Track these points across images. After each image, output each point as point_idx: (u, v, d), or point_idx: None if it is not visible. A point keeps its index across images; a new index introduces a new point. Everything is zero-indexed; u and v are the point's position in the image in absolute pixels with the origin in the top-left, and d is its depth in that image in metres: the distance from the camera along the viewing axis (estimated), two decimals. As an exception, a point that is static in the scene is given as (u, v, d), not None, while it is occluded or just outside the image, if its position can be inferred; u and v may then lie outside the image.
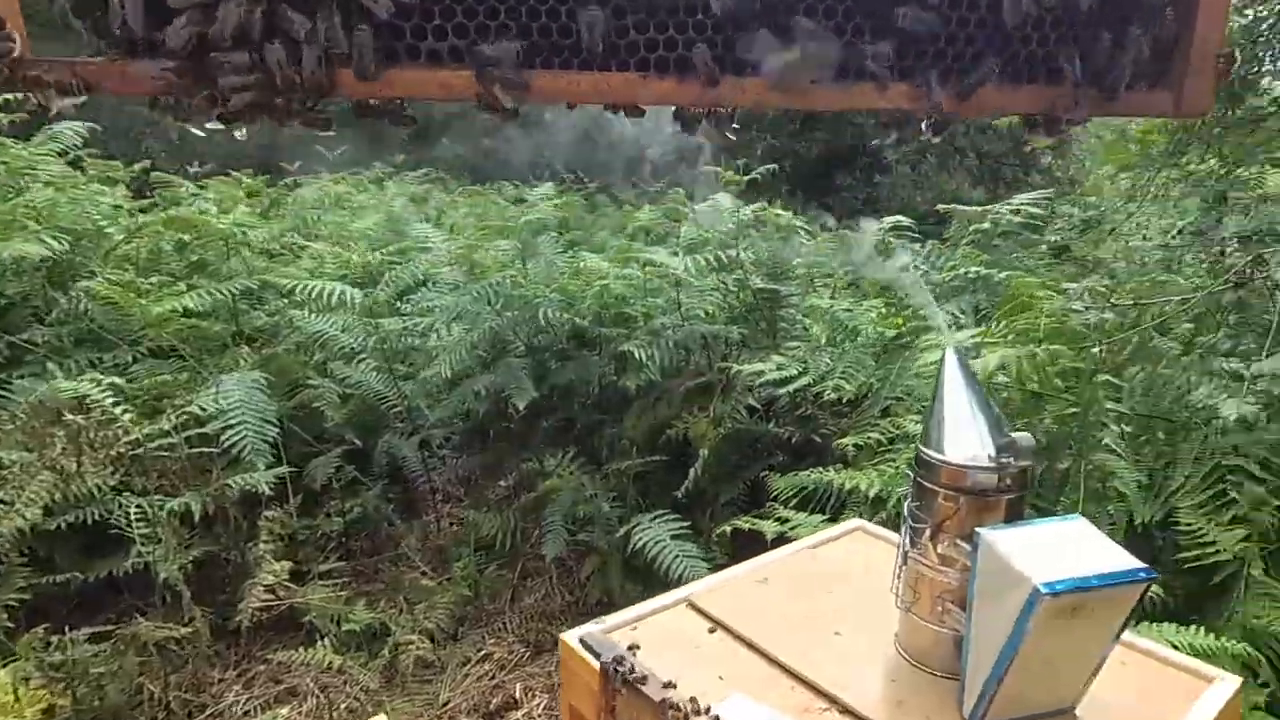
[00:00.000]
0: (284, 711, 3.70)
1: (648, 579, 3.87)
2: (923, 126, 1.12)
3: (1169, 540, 2.94)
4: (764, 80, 1.00)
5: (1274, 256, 3.65)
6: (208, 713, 3.71)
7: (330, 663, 3.78)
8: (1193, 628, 2.51)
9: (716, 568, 2.66)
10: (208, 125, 1.11)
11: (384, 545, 4.92)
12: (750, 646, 1.71)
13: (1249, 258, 3.75)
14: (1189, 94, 1.05)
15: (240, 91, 0.94)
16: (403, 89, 0.99)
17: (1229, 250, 4.07)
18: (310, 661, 3.76)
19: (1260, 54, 4.80)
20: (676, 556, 3.81)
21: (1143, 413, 3.28)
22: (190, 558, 3.83)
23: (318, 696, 3.80)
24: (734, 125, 1.08)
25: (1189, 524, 2.80)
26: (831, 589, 1.92)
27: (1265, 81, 5.04)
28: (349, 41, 0.95)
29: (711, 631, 1.77)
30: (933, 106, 1.03)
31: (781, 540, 2.83)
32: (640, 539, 3.96)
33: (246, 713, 3.73)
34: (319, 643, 3.87)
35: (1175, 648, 1.99)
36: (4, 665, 3.16)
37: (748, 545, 3.28)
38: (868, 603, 1.83)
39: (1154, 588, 2.65)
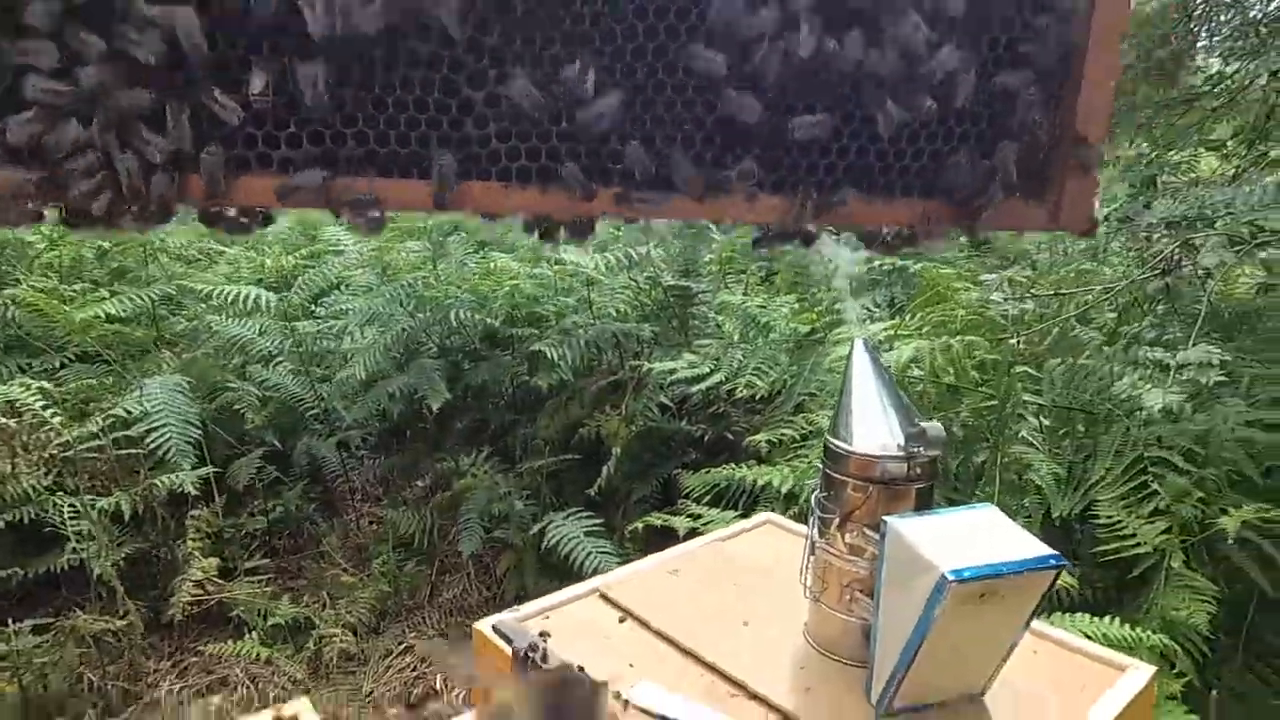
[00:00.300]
0: (216, 700, 3.81)
1: (562, 575, 3.86)
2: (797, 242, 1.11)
3: (1087, 533, 2.93)
4: (631, 190, 0.97)
5: (1205, 242, 3.55)
6: (144, 701, 3.82)
7: (258, 654, 3.92)
8: (1108, 618, 2.49)
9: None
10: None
11: (306, 543, 5.01)
12: (660, 636, 1.70)
13: (1177, 243, 3.66)
14: (1067, 207, 1.02)
15: (94, 196, 0.87)
16: (254, 198, 0.92)
17: (1156, 236, 3.88)
18: (239, 653, 3.91)
19: (1195, 29, 4.61)
20: (590, 553, 3.93)
21: (1062, 405, 3.26)
22: (123, 555, 3.95)
23: (247, 686, 3.91)
24: (594, 234, 1.04)
25: (1109, 517, 2.76)
26: (741, 580, 1.91)
27: (1199, 59, 4.84)
28: (198, 159, 0.89)
29: (622, 621, 1.77)
30: (799, 221, 1.02)
31: (694, 536, 2.79)
32: (554, 536, 4.07)
33: (181, 701, 3.83)
34: (247, 635, 4.01)
35: (1089, 638, 1.97)
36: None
37: (660, 542, 3.25)
38: (777, 594, 1.82)
39: (1070, 580, 2.67)
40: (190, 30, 0.82)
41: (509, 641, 1.62)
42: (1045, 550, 1.35)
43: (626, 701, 1.49)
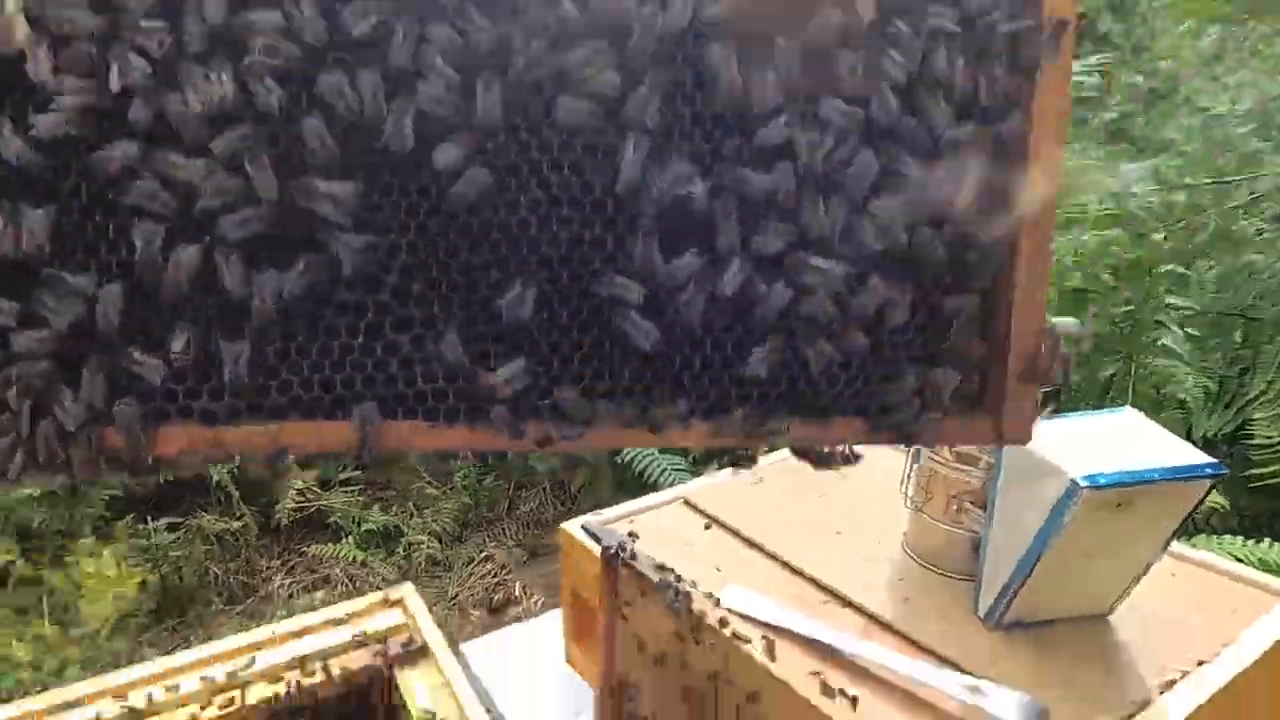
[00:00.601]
0: (320, 595, 4.12)
1: (636, 491, 3.58)
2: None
3: (1237, 455, 2.63)
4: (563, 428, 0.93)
5: None
6: (260, 594, 4.13)
7: (355, 557, 4.21)
8: (1266, 542, 2.21)
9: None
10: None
11: (392, 457, 5.27)
12: (747, 542, 1.64)
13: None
14: (1009, 421, 0.98)
15: (7, 458, 0.81)
16: (175, 447, 0.86)
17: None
18: (338, 555, 4.20)
19: None
20: (665, 469, 3.97)
21: (1215, 310, 2.90)
22: (235, 464, 4.28)
23: (346, 584, 4.20)
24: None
25: (1267, 437, 2.48)
26: (828, 491, 1.81)
27: None
28: (112, 416, 0.83)
29: (707, 528, 1.70)
30: (734, 444, 0.98)
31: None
32: (629, 452, 4.08)
33: (290, 595, 4.15)
34: (344, 540, 4.30)
35: (1241, 562, 1.79)
36: (108, 546, 3.66)
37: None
38: (870, 504, 1.73)
39: (1220, 499, 2.36)
40: (109, 304, 0.81)
41: (598, 541, 1.62)
42: (1200, 457, 1.21)
43: (718, 601, 1.45)
